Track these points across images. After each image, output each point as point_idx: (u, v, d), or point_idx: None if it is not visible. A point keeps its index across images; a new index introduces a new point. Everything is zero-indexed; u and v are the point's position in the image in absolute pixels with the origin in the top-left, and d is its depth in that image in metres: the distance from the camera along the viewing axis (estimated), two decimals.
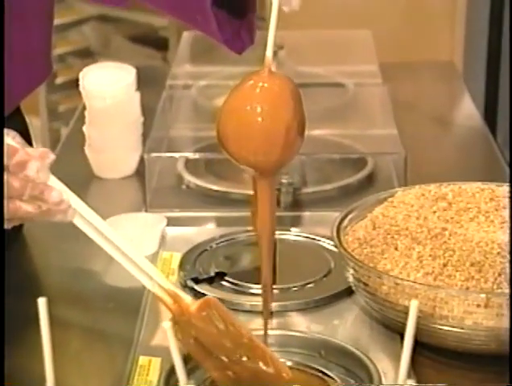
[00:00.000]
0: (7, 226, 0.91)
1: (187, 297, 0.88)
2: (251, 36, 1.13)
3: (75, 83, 1.57)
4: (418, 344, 0.73)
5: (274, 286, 1.10)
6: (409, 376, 0.69)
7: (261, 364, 0.87)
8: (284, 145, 0.89)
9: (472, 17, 2.27)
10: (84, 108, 1.48)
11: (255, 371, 0.87)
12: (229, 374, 0.87)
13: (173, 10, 1.28)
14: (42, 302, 0.67)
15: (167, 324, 0.73)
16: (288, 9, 0.96)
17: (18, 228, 1.27)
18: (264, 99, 0.90)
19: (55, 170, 1.49)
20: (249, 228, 1.29)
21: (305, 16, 1.59)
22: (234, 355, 0.86)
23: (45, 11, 1.14)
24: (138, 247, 1.18)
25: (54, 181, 0.86)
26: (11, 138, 0.87)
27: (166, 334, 0.71)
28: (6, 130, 0.87)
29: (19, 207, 0.85)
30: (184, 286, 1.11)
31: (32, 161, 0.83)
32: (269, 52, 0.88)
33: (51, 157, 0.87)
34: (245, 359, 0.87)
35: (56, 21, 1.17)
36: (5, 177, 0.83)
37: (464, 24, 2.25)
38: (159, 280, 0.88)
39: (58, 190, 0.86)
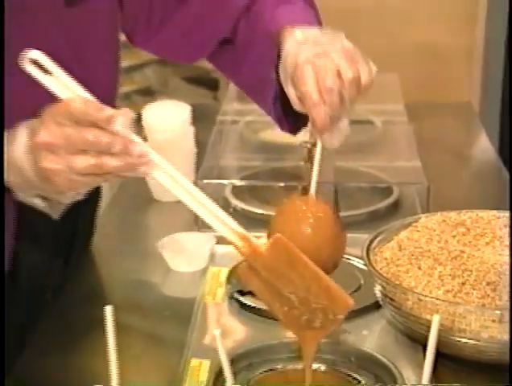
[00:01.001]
0: (99, 183, 0.94)
1: (257, 240, 0.88)
2: (304, 121, 1.09)
3: (137, 118, 1.59)
4: (439, 354, 0.73)
5: None
6: (431, 383, 0.70)
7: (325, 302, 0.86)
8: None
9: (488, 62, 2.26)
10: (145, 140, 1.50)
11: (317, 308, 0.86)
12: (296, 313, 0.86)
13: (234, 76, 1.26)
14: (108, 310, 0.69)
15: (216, 331, 0.73)
16: (330, 147, 0.97)
17: (86, 245, 1.30)
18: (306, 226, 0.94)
19: (121, 193, 1.51)
20: None
21: None
22: (302, 291, 0.85)
23: (113, 58, 1.16)
24: (191, 262, 1.21)
25: (134, 136, 0.85)
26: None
27: (215, 339, 0.72)
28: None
29: (105, 163, 0.83)
30: (231, 298, 1.11)
31: (119, 116, 0.82)
32: (312, 190, 0.93)
33: (132, 114, 0.86)
34: (311, 295, 0.85)
35: (123, 64, 1.18)
36: (94, 132, 0.82)
37: (481, 69, 2.25)
38: (232, 224, 0.87)
39: (141, 143, 0.85)
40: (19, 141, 0.89)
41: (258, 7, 1.10)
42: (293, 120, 1.08)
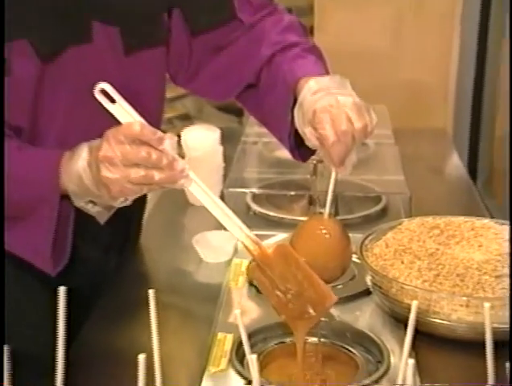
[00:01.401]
0: (145, 192, 0.92)
1: (265, 245, 0.89)
2: (311, 152, 1.10)
3: (178, 138, 1.61)
4: (417, 332, 0.73)
5: None
6: (410, 355, 0.69)
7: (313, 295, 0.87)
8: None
9: (460, 96, 2.28)
10: (183, 156, 1.51)
11: (308, 302, 0.87)
12: (290, 306, 0.86)
13: (256, 113, 1.23)
14: (151, 292, 0.69)
15: (237, 311, 0.73)
16: (342, 175, 0.97)
17: (136, 240, 1.32)
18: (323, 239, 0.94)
19: (163, 199, 1.51)
20: None
21: None
22: (295, 287, 0.86)
23: (161, 92, 1.18)
24: (218, 255, 1.25)
25: (177, 155, 0.86)
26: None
27: (236, 317, 0.72)
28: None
29: (153, 175, 0.84)
30: (250, 284, 1.11)
31: (167, 138, 0.83)
32: (327, 211, 0.92)
33: (176, 138, 0.89)
34: (303, 290, 0.86)
35: (167, 95, 1.19)
36: (146, 150, 0.83)
37: (454, 102, 2.27)
38: (246, 231, 0.88)
39: (182, 160, 0.86)
40: (81, 156, 0.90)
41: (278, 60, 1.09)
42: (303, 151, 1.08)
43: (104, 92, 0.88)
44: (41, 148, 1.01)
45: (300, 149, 1.08)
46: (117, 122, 0.89)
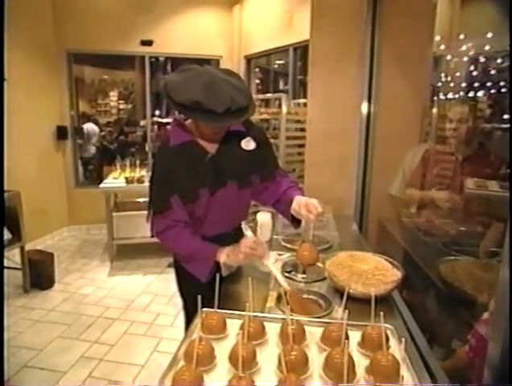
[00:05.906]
0: (254, 260, 0.89)
1: (291, 288, 0.89)
2: (299, 224, 1.01)
3: (254, 216, 1.30)
4: (348, 296, 0.75)
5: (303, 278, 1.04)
6: (345, 307, 0.69)
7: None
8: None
9: (356, 203, 1.90)
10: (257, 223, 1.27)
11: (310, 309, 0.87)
12: (301, 311, 0.85)
13: (277, 209, 1.10)
14: (250, 280, 0.73)
15: (287, 286, 0.81)
16: (314, 220, 0.90)
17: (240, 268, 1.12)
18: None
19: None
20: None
21: None
22: (297, 303, 0.85)
23: (249, 204, 1.10)
24: (270, 261, 1.02)
25: (267, 248, 0.88)
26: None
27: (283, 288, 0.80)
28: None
29: (255, 254, 0.87)
30: (284, 275, 1.01)
31: (263, 242, 0.89)
32: (310, 238, 0.88)
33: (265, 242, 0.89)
34: (300, 304, 0.85)
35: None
36: (253, 244, 0.85)
37: (354, 207, 1.91)
38: (283, 279, 0.89)
39: (266, 248, 0.88)
40: (224, 252, 0.92)
41: (288, 192, 1.05)
42: (295, 224, 1.04)
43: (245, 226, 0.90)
44: (208, 244, 0.95)
45: (293, 222, 1.03)
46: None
